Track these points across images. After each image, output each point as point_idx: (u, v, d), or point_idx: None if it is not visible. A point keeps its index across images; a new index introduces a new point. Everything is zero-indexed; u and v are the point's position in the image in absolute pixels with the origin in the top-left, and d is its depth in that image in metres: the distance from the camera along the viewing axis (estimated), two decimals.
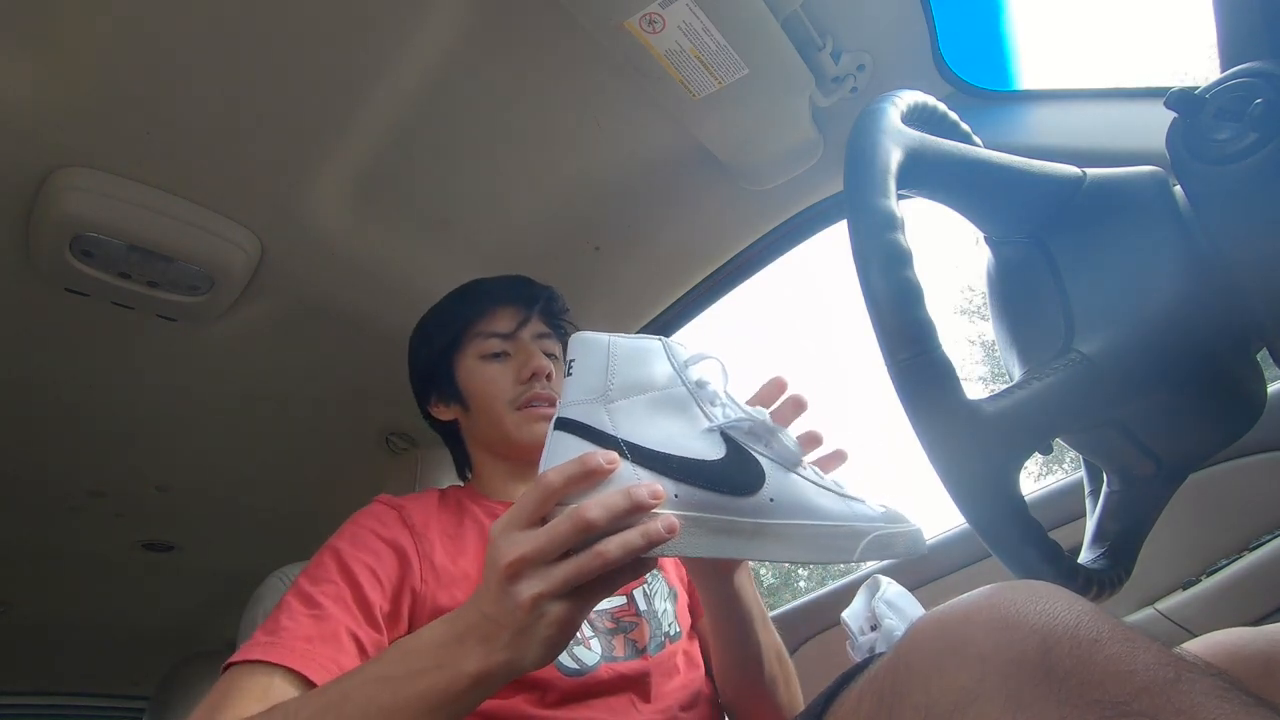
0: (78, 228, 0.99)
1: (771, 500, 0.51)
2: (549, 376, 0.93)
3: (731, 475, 0.52)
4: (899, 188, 0.48)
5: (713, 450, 0.52)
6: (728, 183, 1.15)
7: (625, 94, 1.00)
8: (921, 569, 1.23)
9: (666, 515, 0.48)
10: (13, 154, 0.93)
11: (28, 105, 0.87)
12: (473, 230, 1.19)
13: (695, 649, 0.88)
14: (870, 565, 1.44)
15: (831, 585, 1.43)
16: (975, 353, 13.83)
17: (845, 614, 0.94)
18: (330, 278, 1.20)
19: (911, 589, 0.92)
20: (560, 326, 1.02)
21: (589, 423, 0.52)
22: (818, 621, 1.33)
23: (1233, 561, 0.96)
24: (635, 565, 0.50)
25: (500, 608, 0.50)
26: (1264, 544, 0.94)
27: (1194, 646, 0.58)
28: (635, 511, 0.48)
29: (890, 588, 0.91)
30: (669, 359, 0.55)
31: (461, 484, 1.01)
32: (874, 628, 0.88)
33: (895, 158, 0.49)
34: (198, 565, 1.99)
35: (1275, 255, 0.46)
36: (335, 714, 0.54)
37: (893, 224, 0.46)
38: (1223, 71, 0.49)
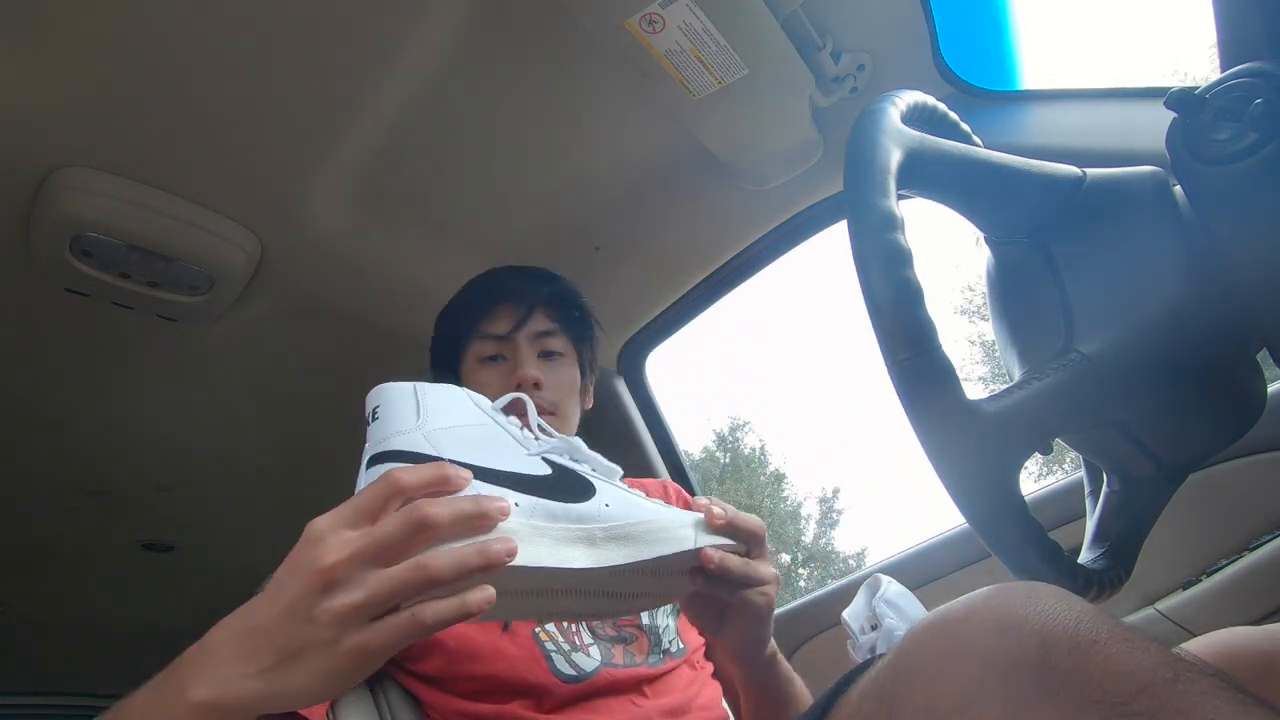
0: (78, 228, 0.99)
1: (607, 505, 0.52)
2: (538, 385, 0.89)
3: (563, 486, 0.52)
4: (899, 188, 0.48)
5: (538, 469, 0.53)
6: (728, 183, 1.15)
7: (625, 94, 1.01)
8: (922, 569, 1.23)
9: (507, 539, 0.45)
10: (13, 154, 0.93)
11: (28, 105, 0.87)
12: (472, 230, 1.19)
13: (698, 672, 0.86)
14: (870, 566, 1.44)
15: (832, 585, 1.43)
16: (975, 353, 13.85)
17: (846, 614, 0.94)
18: (330, 278, 1.21)
19: (911, 589, 0.93)
20: (571, 318, 0.98)
21: (410, 449, 0.50)
22: (818, 621, 1.33)
23: (1233, 561, 0.96)
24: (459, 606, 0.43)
25: (288, 619, 0.41)
26: (1264, 544, 0.94)
27: (1194, 646, 0.58)
28: (480, 521, 0.44)
29: (891, 587, 0.91)
30: (473, 402, 0.57)
31: None
32: (874, 627, 0.88)
33: (895, 158, 0.49)
34: (198, 565, 1.99)
35: (1275, 255, 0.46)
36: None
37: (893, 224, 0.46)
38: (1223, 71, 0.49)
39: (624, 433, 1.46)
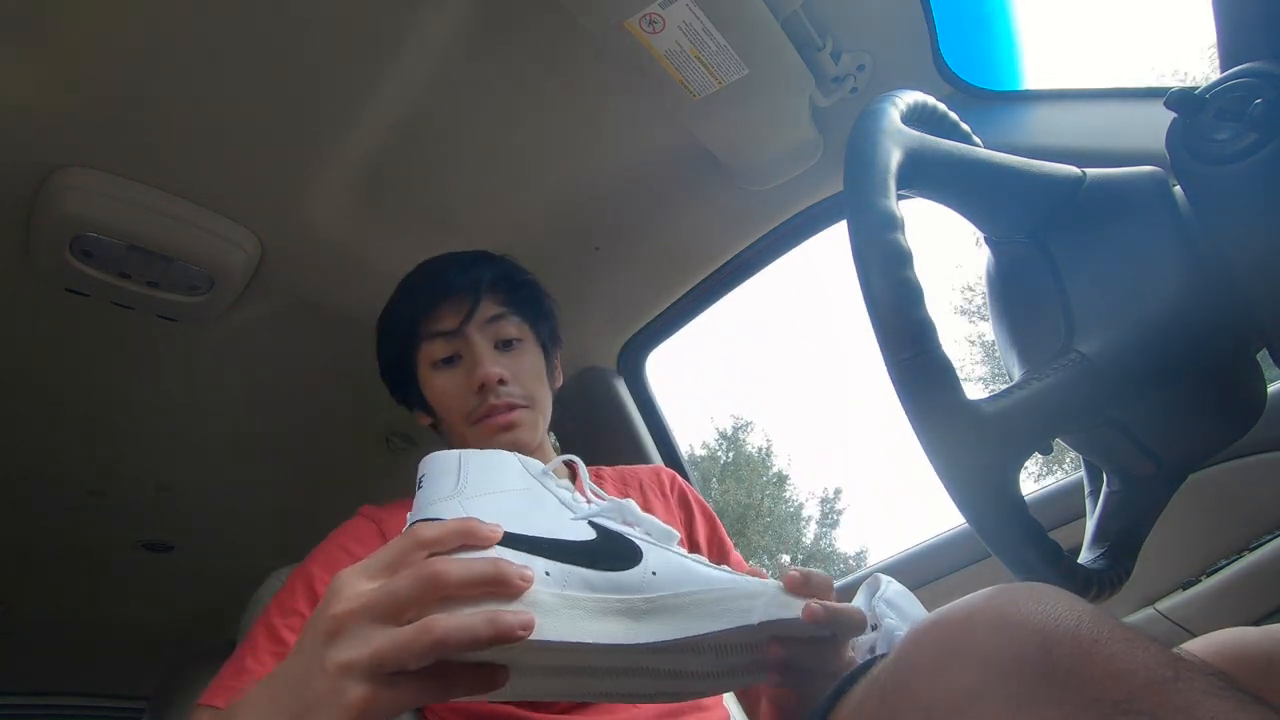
0: (78, 228, 0.99)
1: (654, 574, 0.46)
2: (502, 381, 0.85)
3: (607, 551, 0.47)
4: (899, 188, 0.48)
5: (583, 534, 0.48)
6: (728, 183, 1.15)
7: (625, 94, 1.01)
8: (922, 569, 1.23)
9: (524, 611, 0.40)
10: (13, 154, 0.93)
11: (28, 105, 0.87)
12: (472, 230, 1.19)
13: None
14: (871, 565, 1.44)
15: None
16: (975, 353, 13.86)
17: None
18: (330, 278, 1.20)
19: (911, 589, 0.92)
20: (520, 297, 0.92)
21: (444, 516, 0.46)
22: None
23: (1233, 561, 0.96)
24: (485, 675, 0.41)
25: (304, 669, 0.41)
26: (1264, 544, 0.94)
27: (1194, 646, 0.58)
28: (497, 586, 0.41)
29: (891, 587, 0.90)
30: (523, 465, 0.54)
31: None
32: (874, 627, 0.88)
33: (895, 158, 0.49)
34: (198, 565, 1.99)
35: (1275, 255, 0.46)
36: None
37: (893, 224, 0.46)
38: (1223, 71, 0.49)
39: (624, 432, 1.46)
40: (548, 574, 0.44)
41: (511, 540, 0.45)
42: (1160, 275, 0.49)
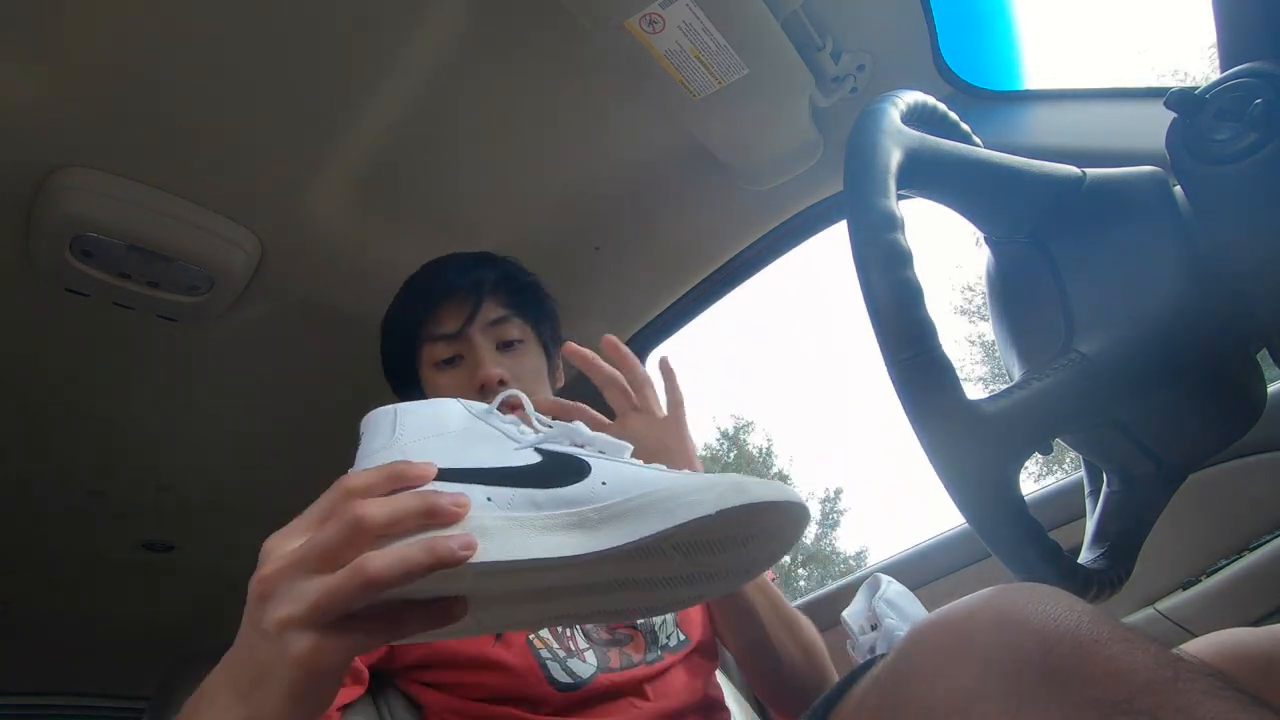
0: (78, 228, 0.99)
1: (604, 484, 0.44)
2: (502, 382, 0.84)
3: (553, 472, 0.45)
4: (899, 188, 0.48)
5: (528, 460, 0.46)
6: (728, 183, 1.15)
7: (625, 94, 1.01)
8: (922, 569, 1.23)
9: (466, 535, 0.39)
10: (13, 154, 0.93)
11: (28, 105, 0.87)
12: (472, 230, 1.19)
13: (702, 660, 0.85)
14: (871, 565, 1.44)
15: (831, 585, 1.43)
16: (975, 353, 13.86)
17: (845, 613, 0.94)
18: (330, 278, 1.20)
19: (912, 589, 0.93)
20: (523, 299, 0.91)
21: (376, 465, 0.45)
22: (818, 621, 1.32)
23: (1233, 561, 0.96)
24: (437, 610, 0.40)
25: (248, 641, 0.40)
26: (1264, 544, 0.94)
27: (1194, 646, 0.59)
28: (429, 518, 0.39)
29: (891, 587, 0.91)
30: (464, 408, 0.51)
31: None
32: (874, 627, 0.88)
33: (895, 158, 0.49)
34: (198, 565, 1.99)
35: (1275, 255, 0.46)
36: None
37: (893, 224, 0.46)
38: (1223, 71, 0.49)
39: None
40: (489, 499, 0.42)
41: (447, 475, 0.43)
42: (1160, 275, 0.49)
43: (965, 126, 0.63)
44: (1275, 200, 0.45)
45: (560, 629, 0.78)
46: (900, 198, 0.48)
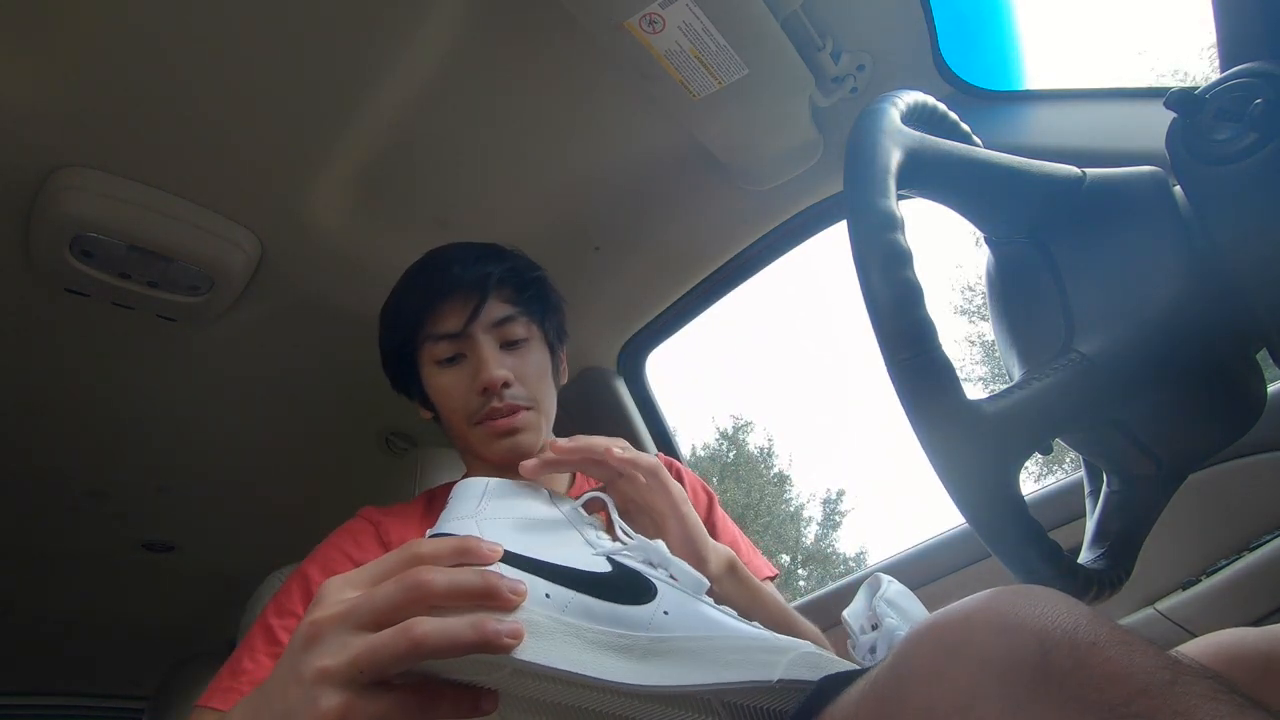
0: (78, 228, 0.99)
1: (666, 613, 0.42)
2: (506, 385, 0.82)
3: (618, 585, 0.43)
4: (899, 188, 0.48)
5: (597, 567, 0.45)
6: (728, 183, 1.15)
7: (625, 94, 1.00)
8: (922, 569, 1.23)
9: (514, 620, 0.38)
10: (13, 154, 0.93)
11: (28, 105, 0.87)
12: (472, 230, 1.18)
13: None
14: (871, 565, 1.44)
15: (831, 585, 1.43)
16: (975, 353, 13.86)
17: (846, 613, 0.93)
18: (330, 278, 1.20)
19: (912, 589, 0.92)
20: (529, 296, 0.88)
21: (457, 533, 0.45)
22: (818, 621, 1.33)
23: (1233, 561, 0.96)
24: (468, 698, 0.40)
25: (283, 677, 0.40)
26: (1264, 544, 0.94)
27: (1194, 647, 0.58)
28: (485, 599, 0.38)
29: (891, 586, 0.90)
30: (550, 497, 0.52)
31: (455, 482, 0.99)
32: (875, 627, 0.88)
33: (895, 158, 0.49)
34: (198, 565, 1.99)
35: (1275, 255, 0.46)
36: None
37: (893, 224, 0.46)
38: (1223, 72, 0.49)
39: (624, 432, 1.46)
40: (547, 596, 0.41)
41: (513, 560, 0.43)
42: (1160, 275, 0.49)
43: (965, 126, 0.63)
44: (1275, 200, 0.45)
45: None
46: (900, 198, 0.48)
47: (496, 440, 0.83)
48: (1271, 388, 0.68)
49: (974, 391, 0.44)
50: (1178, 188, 0.51)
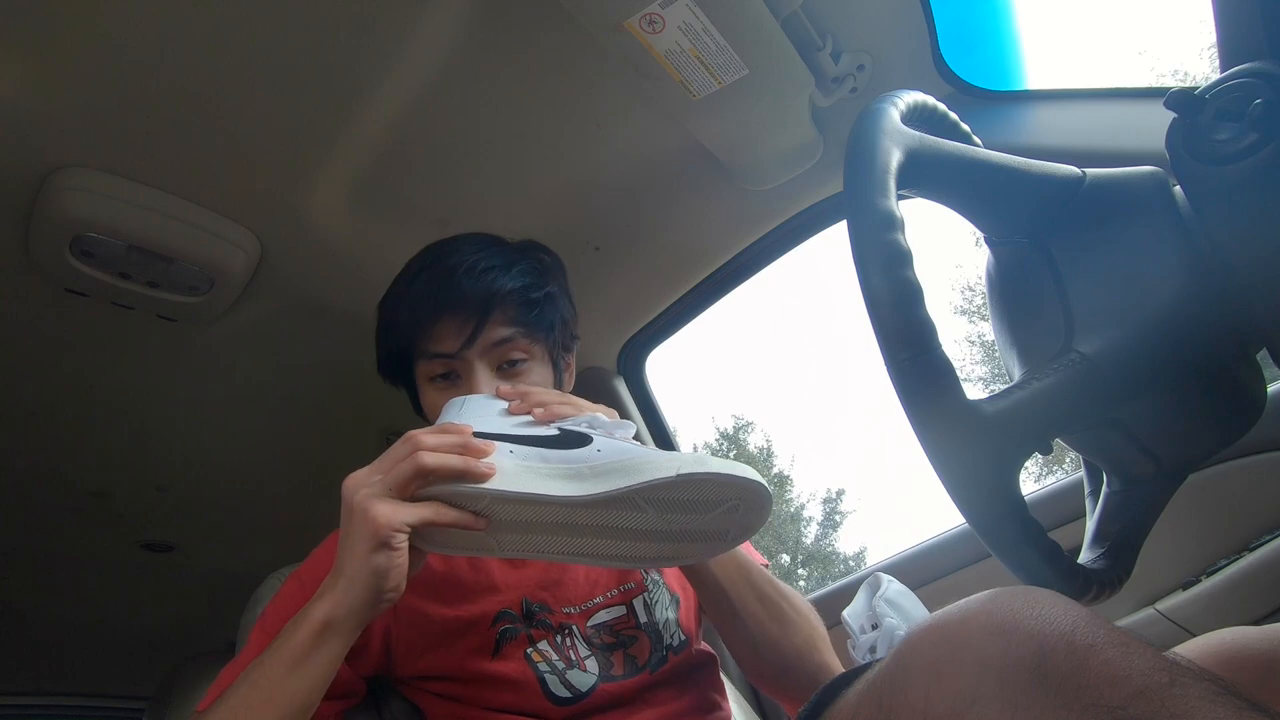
0: (78, 228, 0.99)
1: (599, 450, 0.58)
2: None
3: (564, 441, 0.60)
4: (899, 188, 0.48)
5: (548, 433, 0.62)
6: (728, 183, 1.15)
7: (625, 94, 1.00)
8: (922, 569, 1.23)
9: (490, 463, 0.57)
10: (13, 154, 0.93)
11: (28, 105, 0.87)
12: (472, 229, 1.19)
13: (702, 659, 0.85)
14: (871, 565, 1.44)
15: (832, 585, 1.43)
16: (975, 353, 13.85)
17: (846, 613, 0.94)
18: (330, 278, 1.20)
19: (911, 589, 0.93)
20: (531, 316, 0.81)
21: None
22: None
23: (1233, 561, 0.96)
24: (461, 515, 0.58)
25: (344, 533, 0.59)
26: (1264, 544, 0.94)
27: (1193, 647, 0.58)
28: (464, 450, 0.57)
29: (891, 586, 0.91)
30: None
31: None
32: (875, 626, 0.88)
33: (895, 158, 0.49)
34: (198, 565, 1.99)
35: (1275, 255, 0.46)
36: (244, 679, 0.62)
37: (893, 224, 0.46)
38: (1222, 72, 0.49)
39: None
40: (511, 451, 0.59)
41: (488, 436, 0.60)
42: (1160, 275, 0.49)
43: (965, 126, 0.63)
44: (1275, 200, 0.45)
45: (559, 640, 0.77)
46: (900, 198, 0.48)
47: None
48: (1271, 388, 0.68)
49: (974, 391, 0.44)
50: (1178, 188, 0.51)
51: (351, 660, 0.71)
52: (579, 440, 0.60)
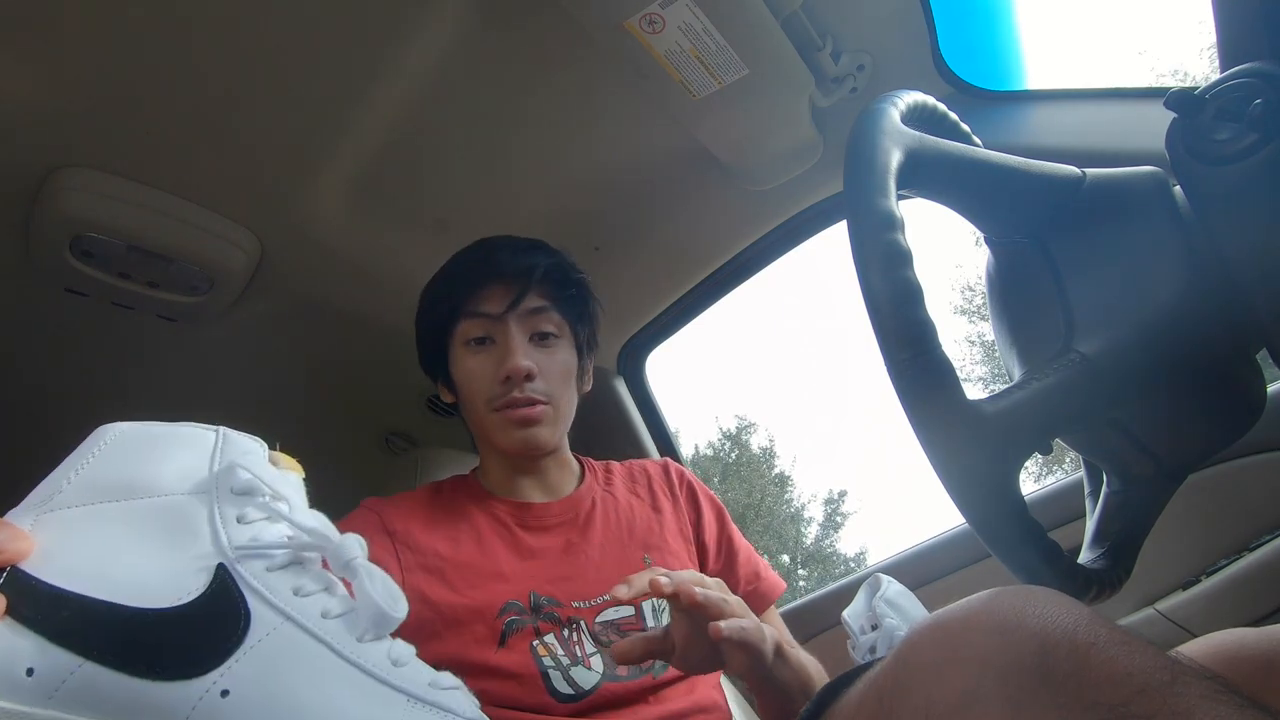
0: (78, 228, 0.99)
1: (225, 694, 0.28)
2: (529, 376, 0.83)
3: (175, 638, 0.29)
4: (899, 188, 0.48)
5: (179, 591, 0.31)
6: (728, 183, 1.15)
7: (625, 94, 1.00)
8: (922, 569, 1.23)
9: None
10: (13, 154, 0.93)
11: (28, 105, 0.87)
12: (472, 230, 1.18)
13: (697, 678, 0.84)
14: (871, 565, 1.44)
15: (832, 585, 1.43)
16: (975, 353, 13.86)
17: (846, 613, 0.94)
18: (330, 278, 1.20)
19: (912, 589, 0.92)
20: (567, 294, 0.90)
21: (11, 522, 0.33)
22: (818, 622, 1.33)
23: (1233, 561, 0.96)
24: None
25: None
26: (1264, 544, 0.94)
27: (1194, 647, 0.58)
28: None
29: (891, 587, 0.90)
30: (214, 452, 0.37)
31: (464, 474, 0.97)
32: (874, 627, 0.88)
33: (895, 158, 0.49)
34: None
35: (1275, 255, 0.46)
36: None
37: (892, 224, 0.46)
38: (1222, 72, 0.49)
39: (623, 433, 1.46)
40: (30, 673, 0.28)
41: (24, 592, 0.29)
42: (1160, 275, 0.49)
43: (965, 126, 0.63)
44: (1275, 200, 0.45)
45: (566, 634, 0.77)
46: (900, 198, 0.48)
47: (512, 429, 0.84)
48: (1271, 388, 0.68)
49: (974, 391, 0.44)
50: (1178, 188, 0.51)
51: None
52: (212, 640, 0.30)
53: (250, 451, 0.38)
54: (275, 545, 0.33)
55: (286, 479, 0.38)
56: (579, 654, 0.76)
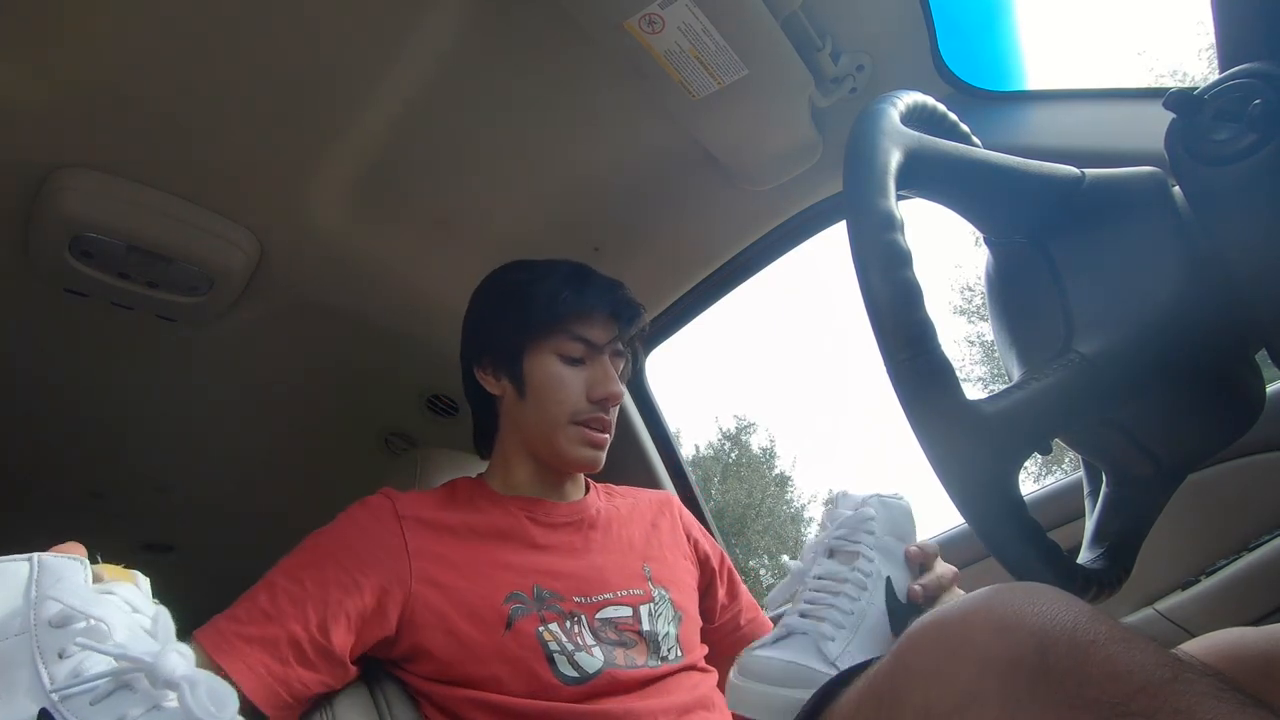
0: (77, 228, 0.99)
1: None
2: (617, 404, 0.91)
3: None
4: (898, 188, 0.48)
5: None
6: (727, 183, 1.15)
7: (625, 94, 1.00)
8: None
9: None
10: (13, 154, 0.93)
11: (28, 105, 0.87)
12: (472, 230, 1.19)
13: (702, 673, 0.86)
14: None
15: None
16: (975, 353, 13.86)
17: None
18: (330, 278, 1.20)
19: None
20: (633, 347, 0.98)
21: None
22: None
23: (1233, 561, 0.96)
24: None
25: None
26: (1264, 544, 0.94)
27: (1193, 647, 0.58)
28: None
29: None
30: (30, 586, 0.35)
31: (471, 476, 0.98)
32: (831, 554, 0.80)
33: (894, 158, 0.49)
34: (198, 565, 1.99)
35: (1275, 255, 0.46)
36: None
37: (892, 224, 0.46)
38: (1222, 72, 0.49)
39: (623, 433, 1.46)
40: None
41: None
42: (1159, 276, 0.49)
43: (965, 127, 0.63)
44: (1275, 200, 0.45)
45: (569, 625, 0.79)
46: (900, 198, 0.48)
47: (584, 445, 0.89)
48: (1271, 388, 0.68)
49: (974, 391, 0.44)
50: (1177, 188, 0.51)
51: (361, 628, 0.74)
52: None
53: (64, 578, 0.37)
54: (98, 676, 0.33)
55: (107, 601, 0.37)
56: (581, 642, 0.78)
